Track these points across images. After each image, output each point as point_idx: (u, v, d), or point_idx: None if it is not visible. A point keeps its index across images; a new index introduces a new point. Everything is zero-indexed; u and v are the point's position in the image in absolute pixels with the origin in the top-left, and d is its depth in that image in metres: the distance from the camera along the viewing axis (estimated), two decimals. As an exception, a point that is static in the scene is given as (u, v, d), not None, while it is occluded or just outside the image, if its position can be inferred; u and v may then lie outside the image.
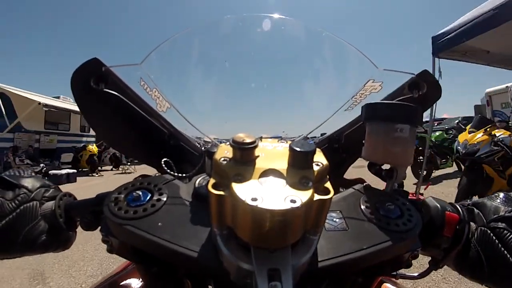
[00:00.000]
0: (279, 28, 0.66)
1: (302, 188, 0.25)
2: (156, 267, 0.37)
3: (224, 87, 0.73)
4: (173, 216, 0.34)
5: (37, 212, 0.39)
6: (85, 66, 0.48)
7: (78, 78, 0.48)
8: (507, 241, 0.36)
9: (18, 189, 0.39)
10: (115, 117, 0.56)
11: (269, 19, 0.64)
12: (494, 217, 0.39)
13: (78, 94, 0.50)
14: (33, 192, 0.40)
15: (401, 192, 0.43)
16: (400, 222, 0.35)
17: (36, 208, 0.39)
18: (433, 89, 0.54)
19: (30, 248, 0.38)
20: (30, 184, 0.41)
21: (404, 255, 0.36)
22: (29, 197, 0.39)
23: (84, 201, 0.42)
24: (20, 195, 0.39)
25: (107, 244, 0.36)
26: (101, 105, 0.52)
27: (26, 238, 0.37)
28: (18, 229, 0.37)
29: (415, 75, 0.54)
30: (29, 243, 0.38)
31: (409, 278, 0.46)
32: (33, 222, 0.38)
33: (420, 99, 0.54)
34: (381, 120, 0.42)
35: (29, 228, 0.38)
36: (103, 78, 0.49)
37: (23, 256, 0.40)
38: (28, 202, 0.39)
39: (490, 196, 0.43)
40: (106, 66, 0.49)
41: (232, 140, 0.27)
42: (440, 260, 0.41)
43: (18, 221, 0.37)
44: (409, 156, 0.42)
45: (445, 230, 0.38)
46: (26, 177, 0.42)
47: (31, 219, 0.38)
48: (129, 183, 0.38)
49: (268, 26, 0.64)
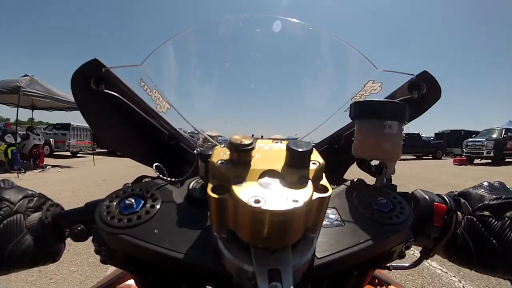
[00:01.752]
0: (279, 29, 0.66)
1: (302, 187, 0.25)
2: (152, 274, 0.36)
3: (224, 88, 0.73)
4: (169, 222, 0.33)
5: (21, 225, 0.36)
6: (85, 67, 0.48)
7: (78, 79, 0.48)
8: (492, 228, 0.38)
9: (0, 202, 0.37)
10: (115, 118, 0.56)
11: (269, 19, 0.64)
12: (479, 205, 0.40)
13: (78, 95, 0.50)
14: (16, 204, 0.37)
15: (390, 187, 0.44)
16: (393, 215, 0.36)
17: (20, 221, 0.36)
18: (433, 90, 0.54)
19: (17, 264, 0.36)
20: (12, 196, 0.38)
21: (398, 246, 0.37)
22: (12, 210, 0.37)
23: (72, 211, 0.40)
24: (2, 208, 0.36)
25: (100, 255, 0.35)
26: (101, 106, 0.52)
27: (12, 254, 0.35)
28: (3, 245, 0.35)
29: (415, 76, 0.54)
30: (15, 259, 0.35)
31: (402, 268, 0.48)
32: (18, 236, 0.36)
33: (420, 100, 0.54)
34: (370, 117, 0.44)
35: (14, 243, 0.35)
36: (103, 79, 0.49)
37: (10, 272, 0.37)
38: (11, 215, 0.36)
39: (475, 186, 0.44)
40: (106, 67, 0.49)
41: (229, 142, 0.27)
42: (431, 249, 0.42)
43: (2, 237, 0.35)
44: (398, 152, 0.44)
45: (434, 220, 0.40)
46: (6, 188, 0.39)
47: (16, 234, 0.36)
48: (119, 190, 0.37)
49: (268, 26, 0.64)
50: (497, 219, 0.38)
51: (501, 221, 0.38)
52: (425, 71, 0.54)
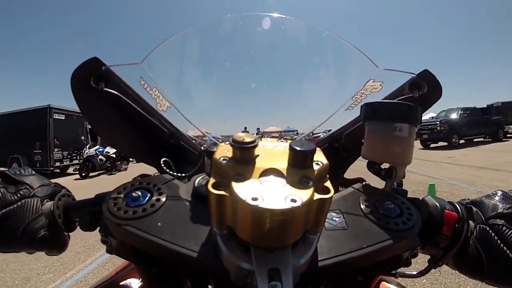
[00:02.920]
0: (280, 27, 0.66)
1: (302, 188, 0.25)
2: (156, 267, 0.37)
3: (224, 86, 0.73)
4: (173, 216, 0.34)
5: (38, 208, 0.39)
6: (85, 66, 0.48)
7: (78, 77, 0.48)
8: (506, 237, 0.36)
9: (20, 184, 0.40)
10: (115, 117, 0.56)
11: (269, 18, 0.64)
12: (492, 214, 0.39)
13: (78, 94, 0.50)
14: (34, 189, 0.40)
15: (400, 191, 0.43)
16: (399, 221, 0.35)
17: (37, 205, 0.39)
18: (434, 89, 0.54)
19: (28, 242, 0.38)
20: (32, 182, 0.41)
21: (404, 253, 0.36)
22: (30, 193, 0.40)
23: (82, 202, 0.42)
24: (22, 189, 0.39)
25: (106, 245, 0.36)
26: (101, 104, 0.52)
27: (25, 231, 0.37)
28: (18, 221, 0.37)
29: (416, 75, 0.53)
30: (28, 237, 0.38)
31: (409, 276, 0.46)
32: (33, 216, 0.38)
33: (421, 99, 0.54)
34: (380, 119, 0.42)
35: (28, 221, 0.38)
36: (103, 78, 0.49)
37: (20, 251, 0.40)
38: (29, 197, 0.39)
39: (488, 194, 0.43)
40: (106, 65, 0.49)
41: (232, 140, 0.27)
42: (439, 258, 0.41)
43: (19, 214, 0.38)
44: (409, 155, 0.42)
45: (444, 229, 0.38)
46: (27, 175, 0.42)
47: (31, 214, 0.38)
48: (128, 183, 0.38)
49: (268, 25, 0.64)
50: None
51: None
52: (426, 70, 0.53)
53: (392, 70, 0.56)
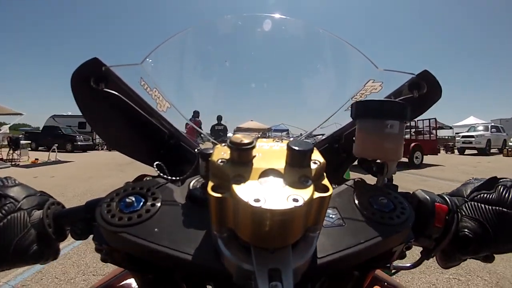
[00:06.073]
0: (280, 28, 0.66)
1: (302, 187, 0.25)
2: (153, 273, 0.36)
3: (224, 86, 0.73)
4: (169, 221, 0.33)
5: (26, 222, 0.37)
6: (85, 66, 0.48)
7: (78, 78, 0.48)
8: (493, 199, 0.40)
9: (4, 198, 0.37)
10: (115, 117, 0.56)
11: (270, 18, 0.64)
12: (472, 190, 0.42)
13: (78, 94, 0.49)
14: (20, 201, 0.38)
15: (391, 186, 0.44)
16: (393, 215, 0.36)
17: (24, 218, 0.37)
18: (434, 89, 0.54)
19: (21, 259, 0.37)
20: (16, 194, 0.39)
21: (399, 246, 0.37)
22: (16, 207, 0.37)
23: (73, 209, 0.40)
24: (6, 205, 0.37)
25: (100, 253, 0.35)
26: (101, 105, 0.52)
27: (16, 248, 0.36)
28: (8, 239, 0.35)
29: (415, 75, 0.53)
30: (20, 254, 0.36)
31: (403, 268, 0.48)
32: (22, 232, 0.36)
33: (421, 99, 0.54)
34: (371, 117, 0.44)
35: (19, 238, 0.36)
36: (103, 78, 0.49)
37: (13, 267, 0.38)
38: (15, 212, 0.37)
39: (463, 183, 0.46)
40: (106, 65, 0.49)
41: (229, 141, 0.27)
42: (432, 249, 0.42)
43: (7, 231, 0.36)
44: (399, 151, 0.44)
45: (435, 221, 0.40)
46: (10, 186, 0.40)
47: (20, 229, 0.36)
48: (120, 189, 0.37)
49: (268, 25, 0.64)
50: (493, 191, 0.40)
51: (496, 191, 0.40)
52: (425, 70, 0.53)
53: (392, 71, 0.56)
